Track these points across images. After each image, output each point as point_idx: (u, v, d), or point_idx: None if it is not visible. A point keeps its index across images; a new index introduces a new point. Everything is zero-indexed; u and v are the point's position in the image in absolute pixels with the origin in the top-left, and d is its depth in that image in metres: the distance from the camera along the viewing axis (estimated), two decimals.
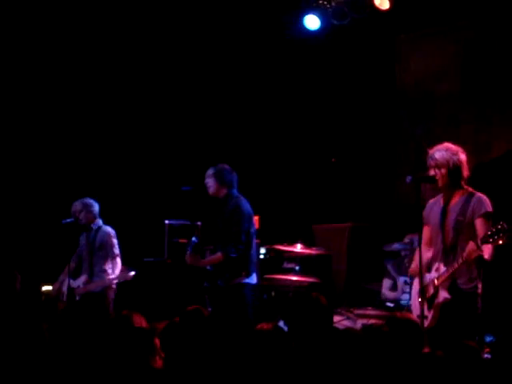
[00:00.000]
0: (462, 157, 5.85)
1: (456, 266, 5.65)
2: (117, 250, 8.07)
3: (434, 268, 5.86)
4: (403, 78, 10.77)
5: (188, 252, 7.17)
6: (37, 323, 4.47)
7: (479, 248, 5.45)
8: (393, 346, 4.15)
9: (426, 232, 6.05)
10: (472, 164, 5.99)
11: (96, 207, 8.16)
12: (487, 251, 5.55)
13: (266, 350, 3.94)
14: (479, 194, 5.82)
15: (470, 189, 5.87)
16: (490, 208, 5.74)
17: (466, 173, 5.86)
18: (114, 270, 8.00)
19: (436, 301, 5.77)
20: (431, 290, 5.81)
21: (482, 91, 9.84)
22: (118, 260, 8.05)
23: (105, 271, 8.00)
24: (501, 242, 5.33)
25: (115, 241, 8.10)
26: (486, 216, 5.70)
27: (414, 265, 6.03)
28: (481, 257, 5.58)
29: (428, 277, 5.85)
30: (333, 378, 3.62)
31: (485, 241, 5.39)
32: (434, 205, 5.99)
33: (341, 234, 9.97)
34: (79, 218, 8.08)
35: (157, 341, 4.26)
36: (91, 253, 8.09)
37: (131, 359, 4.08)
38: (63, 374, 4.05)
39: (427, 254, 5.97)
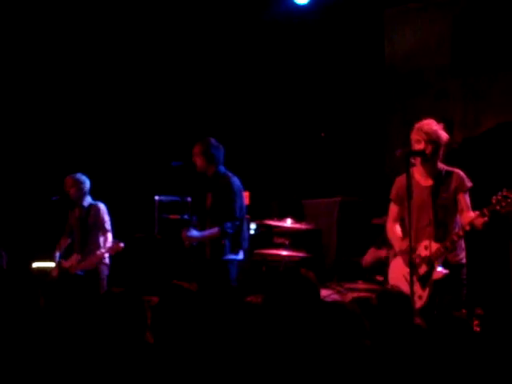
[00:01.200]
0: (444, 133, 5.96)
1: (455, 238, 5.76)
2: (108, 226, 8.08)
3: (423, 246, 5.87)
4: (392, 52, 10.73)
5: (189, 227, 7.21)
6: (29, 298, 4.47)
7: (484, 215, 5.58)
8: (382, 319, 4.17)
9: (394, 209, 6.10)
10: (461, 138, 6.06)
11: (87, 184, 8.14)
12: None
13: (255, 321, 3.96)
14: (458, 170, 5.97)
15: (445, 166, 5.99)
16: (470, 183, 5.93)
17: (445, 149, 5.98)
18: (105, 244, 8.00)
19: (433, 277, 5.80)
20: (424, 268, 5.83)
21: (471, 65, 9.82)
22: (109, 235, 8.05)
23: (97, 247, 8.00)
24: (508, 208, 5.50)
25: (107, 217, 8.10)
26: (468, 190, 5.90)
27: (403, 245, 5.97)
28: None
29: (416, 256, 5.82)
30: (319, 349, 3.64)
31: (493, 208, 5.53)
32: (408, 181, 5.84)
33: (331, 208, 9.97)
34: (69, 193, 8.07)
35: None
36: (84, 231, 8.08)
37: (123, 331, 4.10)
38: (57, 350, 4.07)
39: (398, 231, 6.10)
